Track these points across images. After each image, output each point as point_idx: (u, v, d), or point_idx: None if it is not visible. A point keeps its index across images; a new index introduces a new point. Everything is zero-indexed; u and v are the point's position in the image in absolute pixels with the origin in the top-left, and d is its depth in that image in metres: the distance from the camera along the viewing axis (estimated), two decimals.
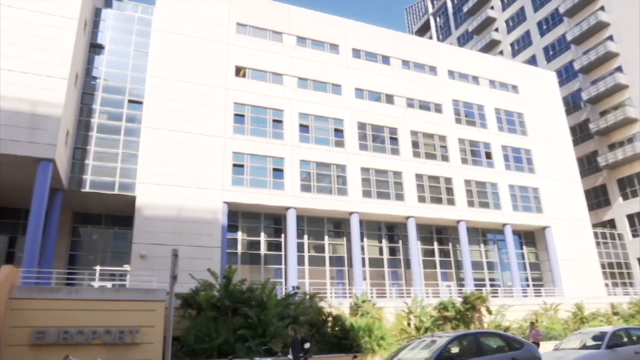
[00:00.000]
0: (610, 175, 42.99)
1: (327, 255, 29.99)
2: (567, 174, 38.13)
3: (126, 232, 27.13)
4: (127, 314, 16.66)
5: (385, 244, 32.05)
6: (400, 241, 32.35)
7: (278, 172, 28.68)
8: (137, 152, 26.14)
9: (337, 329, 20.44)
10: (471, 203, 33.42)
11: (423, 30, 77.79)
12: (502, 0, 57.05)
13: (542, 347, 13.40)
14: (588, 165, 44.77)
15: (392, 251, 32.13)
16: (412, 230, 30.87)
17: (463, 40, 64.26)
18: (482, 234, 35.22)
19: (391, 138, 32.80)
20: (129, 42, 28.26)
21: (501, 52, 55.51)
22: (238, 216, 28.11)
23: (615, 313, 28.62)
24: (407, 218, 31.11)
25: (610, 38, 43.86)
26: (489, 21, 58.19)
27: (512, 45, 54.57)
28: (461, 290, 29.62)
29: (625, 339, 12.77)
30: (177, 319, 17.90)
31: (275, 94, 30.24)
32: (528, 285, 34.72)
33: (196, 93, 28.02)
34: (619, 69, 42.81)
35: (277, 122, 29.84)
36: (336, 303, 22.43)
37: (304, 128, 30.44)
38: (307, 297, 21.11)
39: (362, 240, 30.67)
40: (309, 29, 33.13)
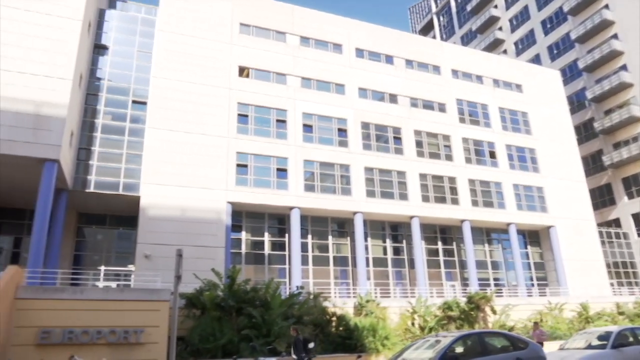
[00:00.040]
0: (615, 174, 42.81)
1: (331, 255, 29.99)
2: (572, 173, 37.98)
3: (130, 232, 27.22)
4: (132, 314, 16.74)
5: (389, 244, 32.01)
6: (404, 241, 32.31)
7: (282, 172, 28.70)
8: (141, 153, 26.22)
9: (341, 329, 20.45)
10: (475, 202, 33.34)
11: (426, 29, 77.70)
12: None
13: (547, 347, 13.34)
14: (593, 164, 44.59)
15: (396, 251, 32.10)
16: (416, 229, 30.82)
17: (467, 39, 64.11)
18: (487, 234, 35.13)
19: (395, 138, 32.76)
20: (133, 43, 28.35)
21: (505, 51, 55.34)
22: (242, 216, 28.14)
23: (620, 313, 28.51)
24: (411, 218, 31.07)
25: (614, 36, 43.68)
26: (493, 20, 58.04)
27: (516, 44, 54.41)
28: (465, 290, 29.58)
29: (631, 339, 12.70)
30: (182, 319, 17.95)
31: (278, 94, 30.26)
32: (532, 284, 34.62)
33: (200, 93, 28.07)
34: (624, 68, 42.61)
35: (281, 122, 29.86)
36: (340, 303, 22.42)
37: (308, 128, 30.44)
38: (311, 297, 21.12)
39: (366, 240, 30.65)
40: (313, 29, 33.13)
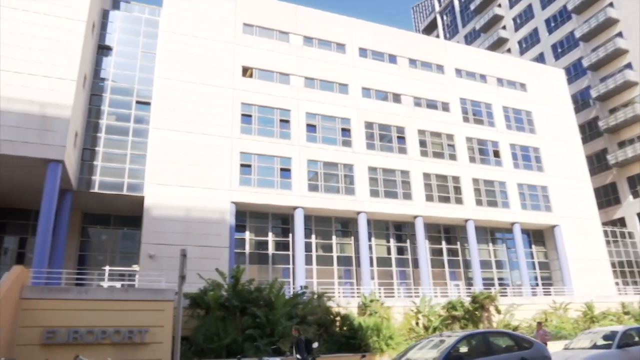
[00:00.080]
0: (620, 173, 42.60)
1: (335, 254, 29.98)
2: (576, 172, 37.84)
3: (135, 233, 27.31)
4: (136, 314, 16.78)
5: (393, 244, 31.97)
6: (408, 240, 32.27)
7: (285, 172, 28.71)
8: (145, 153, 26.30)
9: (346, 329, 20.45)
10: (479, 202, 33.27)
11: (430, 28, 77.50)
12: None
13: (551, 347, 13.30)
14: (597, 163, 44.38)
15: (400, 250, 32.06)
16: (420, 229, 30.78)
17: (470, 38, 63.94)
18: (491, 233, 35.04)
19: (398, 137, 32.72)
20: (137, 44, 28.43)
21: (509, 50, 55.17)
22: (246, 216, 28.17)
23: (626, 312, 28.39)
24: (415, 217, 31.03)
25: (619, 35, 43.46)
26: (496, 19, 57.86)
27: (520, 43, 54.22)
28: (470, 289, 29.50)
29: (636, 339, 12.65)
30: (186, 319, 17.98)
31: (282, 94, 30.28)
32: (537, 284, 34.48)
33: (203, 93, 28.11)
34: (629, 66, 42.38)
35: (284, 122, 29.87)
36: (344, 302, 22.44)
37: (311, 128, 30.45)
38: (315, 297, 21.12)
39: (370, 239, 30.62)
40: (316, 29, 33.12)
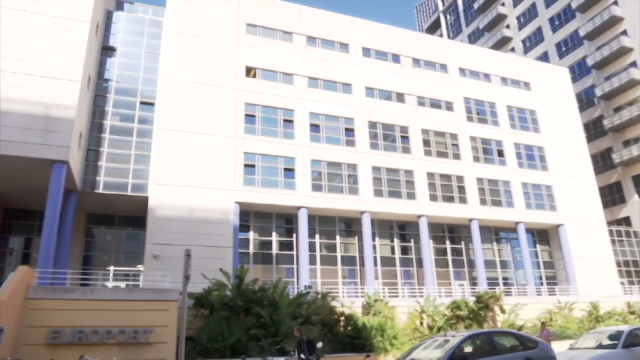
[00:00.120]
0: (625, 172, 42.41)
1: (339, 254, 29.97)
2: (581, 171, 37.68)
3: (139, 233, 27.37)
4: (141, 314, 16.83)
5: (397, 243, 31.94)
6: (412, 240, 32.23)
7: (289, 172, 28.72)
8: (149, 153, 26.36)
9: (350, 329, 20.43)
10: (483, 201, 33.18)
11: (433, 28, 77.40)
12: None
13: (556, 347, 13.24)
14: (602, 162, 44.20)
15: (404, 250, 32.02)
16: (424, 229, 30.73)
17: (474, 37, 63.79)
18: (495, 233, 34.94)
19: (402, 137, 32.67)
20: (140, 44, 28.50)
21: (512, 49, 54.99)
22: (250, 216, 28.19)
23: (631, 312, 28.24)
24: (419, 217, 30.97)
25: (624, 33, 43.25)
26: (500, 18, 57.71)
27: (524, 41, 54.04)
28: (474, 289, 29.44)
29: None
30: (190, 319, 18.02)
31: (285, 94, 30.29)
32: (542, 283, 34.38)
33: (207, 94, 28.15)
34: (634, 64, 42.16)
35: (288, 122, 29.88)
36: (348, 302, 22.41)
37: (315, 127, 30.44)
38: (319, 297, 21.11)
39: (374, 239, 30.59)
40: (319, 29, 33.12)
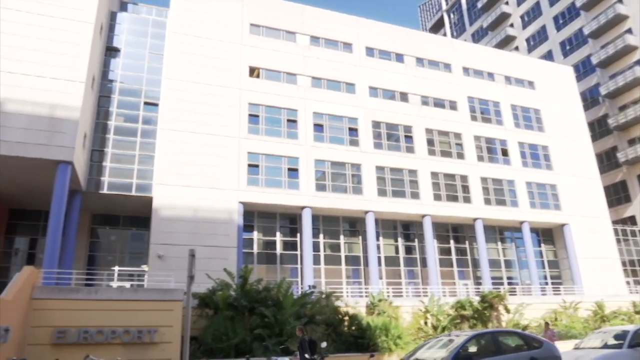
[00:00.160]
0: (630, 171, 42.20)
1: (343, 254, 29.97)
2: (586, 170, 37.53)
3: (143, 233, 27.46)
4: (146, 314, 16.87)
5: (401, 243, 31.90)
6: (416, 240, 32.18)
7: (293, 172, 28.73)
8: (154, 154, 26.44)
9: (354, 328, 20.41)
10: (488, 201, 33.10)
11: (437, 27, 77.23)
12: None
13: (561, 347, 13.20)
14: (607, 161, 44.00)
15: (408, 250, 31.97)
16: (428, 228, 30.69)
17: (477, 36, 63.62)
18: (500, 232, 34.85)
19: (406, 136, 32.63)
20: (144, 45, 28.58)
21: (516, 48, 54.83)
22: (254, 216, 28.22)
23: (637, 312, 28.07)
24: (423, 216, 30.93)
25: (629, 31, 43.03)
26: (504, 17, 57.54)
27: (528, 40, 53.87)
28: (478, 288, 29.35)
29: None
30: (195, 319, 18.04)
31: (289, 94, 30.30)
32: (547, 283, 34.24)
33: (211, 94, 28.20)
34: (639, 63, 41.95)
35: (292, 122, 29.90)
36: (352, 302, 22.41)
37: (319, 127, 30.45)
38: (324, 297, 21.09)
39: (378, 239, 30.56)
40: (323, 28, 33.11)
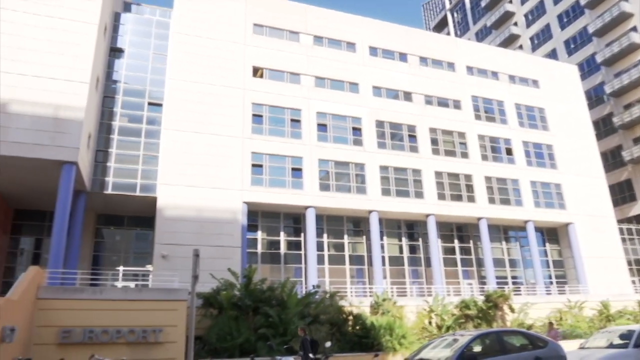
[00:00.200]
0: (635, 169, 41.99)
1: (347, 254, 29.96)
2: (591, 169, 37.37)
3: (148, 233, 27.54)
4: (150, 314, 16.92)
5: (405, 242, 31.86)
6: (420, 239, 32.13)
7: (297, 172, 28.75)
8: (158, 154, 26.50)
9: (358, 328, 20.41)
10: (492, 200, 33.01)
11: (440, 26, 77.09)
12: None
13: (567, 347, 13.14)
14: (612, 159, 43.80)
15: (412, 249, 31.93)
16: (432, 228, 30.63)
17: (481, 35, 63.47)
18: (504, 231, 34.74)
19: (410, 136, 32.59)
20: (148, 46, 28.65)
21: (520, 47, 54.65)
22: (258, 216, 28.25)
23: None
24: (427, 216, 30.88)
25: (634, 29, 42.83)
26: (508, 15, 57.37)
27: (532, 39, 53.68)
28: (483, 288, 29.30)
29: None
30: (199, 318, 18.08)
31: (292, 94, 30.31)
32: (551, 282, 34.13)
33: (214, 94, 28.25)
34: None
35: (295, 122, 29.90)
36: (357, 302, 22.41)
37: (322, 127, 30.44)
38: (328, 296, 21.10)
39: (382, 238, 30.54)
40: (326, 28, 33.11)
